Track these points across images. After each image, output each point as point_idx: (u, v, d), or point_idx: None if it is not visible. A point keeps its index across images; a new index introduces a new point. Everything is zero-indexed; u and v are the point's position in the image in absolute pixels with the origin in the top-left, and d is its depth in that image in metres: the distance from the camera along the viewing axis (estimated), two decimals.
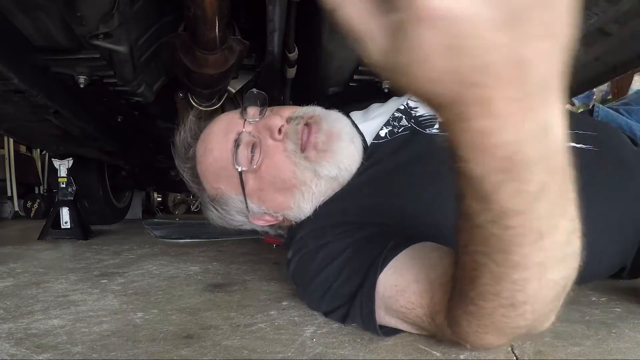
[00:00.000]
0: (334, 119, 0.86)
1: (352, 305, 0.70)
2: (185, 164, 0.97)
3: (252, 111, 0.88)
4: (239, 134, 0.85)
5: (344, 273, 0.72)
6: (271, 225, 0.95)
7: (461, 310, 0.54)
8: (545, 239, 0.42)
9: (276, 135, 0.83)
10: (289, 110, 0.88)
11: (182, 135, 0.99)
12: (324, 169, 0.82)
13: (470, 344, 0.57)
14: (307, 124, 0.84)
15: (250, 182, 0.86)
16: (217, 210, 0.94)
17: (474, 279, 0.49)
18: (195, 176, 0.95)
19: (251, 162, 0.84)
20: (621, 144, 0.90)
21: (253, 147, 0.84)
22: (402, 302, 0.65)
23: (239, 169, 0.85)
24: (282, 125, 0.83)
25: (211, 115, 1.02)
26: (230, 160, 0.85)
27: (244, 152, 0.84)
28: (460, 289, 0.53)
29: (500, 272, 0.46)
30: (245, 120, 0.87)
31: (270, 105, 0.92)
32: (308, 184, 0.83)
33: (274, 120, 0.83)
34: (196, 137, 0.96)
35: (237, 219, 0.94)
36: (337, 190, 0.85)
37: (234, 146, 0.85)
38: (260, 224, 0.94)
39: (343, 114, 0.91)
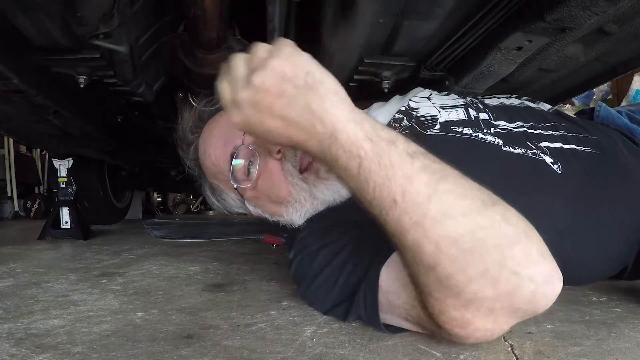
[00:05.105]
0: None
1: (356, 298, 0.70)
2: (188, 155, 0.99)
3: None
4: (237, 147, 0.85)
5: (347, 267, 0.72)
6: None
7: (419, 296, 0.60)
8: (399, 202, 0.52)
9: (275, 155, 0.83)
10: None
11: (182, 129, 1.00)
12: (321, 193, 0.83)
13: (443, 328, 0.58)
14: None
15: (248, 191, 0.88)
16: (215, 198, 0.98)
17: (400, 256, 0.60)
18: (198, 166, 0.98)
19: (248, 177, 0.85)
20: (621, 146, 0.90)
21: (251, 160, 0.85)
22: (404, 298, 0.65)
23: (235, 186, 0.87)
24: (281, 148, 0.82)
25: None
26: (227, 171, 0.86)
27: (240, 169, 0.85)
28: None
29: (397, 239, 0.55)
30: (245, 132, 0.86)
31: None
32: (302, 203, 0.84)
33: None
34: (197, 131, 0.97)
35: (234, 209, 0.98)
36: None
37: (231, 160, 0.85)
38: (256, 215, 0.96)
39: None
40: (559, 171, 0.81)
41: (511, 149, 0.83)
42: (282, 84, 0.55)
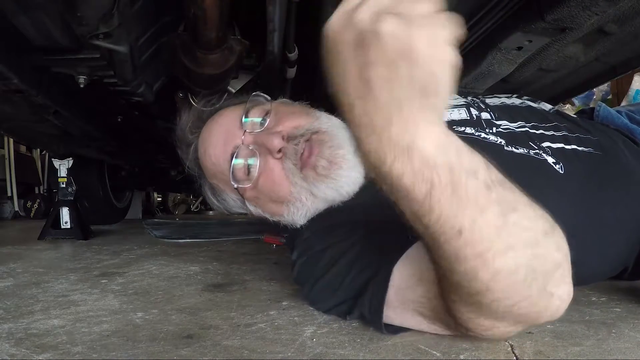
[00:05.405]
0: (338, 144, 0.81)
1: (362, 296, 0.70)
2: (188, 155, 0.98)
3: (254, 116, 0.87)
4: (237, 147, 0.85)
5: (355, 267, 0.72)
6: None
7: (445, 300, 0.60)
8: (465, 233, 0.48)
9: (275, 155, 0.82)
10: (292, 122, 0.84)
11: (182, 129, 0.99)
12: (321, 191, 0.82)
13: (465, 327, 0.60)
14: (309, 139, 0.82)
15: (248, 191, 0.88)
16: (216, 199, 0.97)
17: (437, 274, 0.58)
18: (198, 166, 0.97)
19: (248, 177, 0.85)
20: (622, 146, 0.90)
21: (251, 161, 0.84)
22: (420, 292, 0.65)
23: (236, 186, 0.87)
24: (282, 147, 0.81)
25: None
26: (227, 171, 0.86)
27: (241, 168, 0.85)
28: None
29: (447, 264, 0.52)
30: (245, 131, 0.85)
31: (276, 97, 0.91)
32: (303, 202, 0.83)
33: (272, 142, 0.81)
34: (196, 131, 0.96)
35: (235, 209, 0.97)
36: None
37: (231, 160, 0.85)
38: (256, 215, 0.95)
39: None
40: (561, 171, 0.81)
41: (513, 149, 0.83)
42: (401, 57, 0.43)
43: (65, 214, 2.09)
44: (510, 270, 0.50)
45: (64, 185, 2.14)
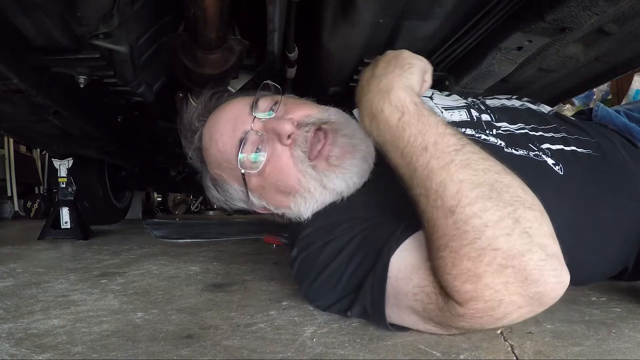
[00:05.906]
0: (351, 133, 0.81)
1: (363, 288, 0.70)
2: (192, 144, 0.95)
3: (263, 106, 0.85)
4: (246, 132, 0.83)
5: (353, 261, 0.72)
6: (271, 213, 0.95)
7: (433, 257, 0.62)
8: (430, 149, 0.64)
9: (284, 140, 0.80)
10: (302, 112, 0.84)
11: (188, 117, 0.96)
12: (331, 182, 0.80)
13: (453, 288, 0.59)
14: (320, 129, 0.81)
15: (254, 180, 0.85)
16: (218, 192, 0.95)
17: (422, 216, 0.64)
18: (201, 157, 0.94)
19: (255, 164, 0.83)
20: (620, 148, 0.90)
21: (259, 147, 0.82)
22: (415, 281, 0.65)
23: (243, 172, 0.84)
24: (292, 133, 0.80)
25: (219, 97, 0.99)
26: (234, 157, 0.84)
27: (249, 154, 0.83)
28: (426, 241, 0.65)
29: (423, 186, 0.63)
30: (254, 117, 0.84)
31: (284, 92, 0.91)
32: (312, 192, 0.81)
33: (283, 126, 0.80)
34: (203, 119, 0.94)
35: (237, 204, 0.94)
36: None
37: (240, 145, 0.83)
38: (259, 211, 0.93)
39: (353, 117, 0.89)
40: (560, 172, 0.81)
41: (513, 151, 0.83)
42: (393, 58, 0.77)
43: (65, 214, 2.09)
44: (473, 183, 0.59)
45: (64, 185, 2.14)
